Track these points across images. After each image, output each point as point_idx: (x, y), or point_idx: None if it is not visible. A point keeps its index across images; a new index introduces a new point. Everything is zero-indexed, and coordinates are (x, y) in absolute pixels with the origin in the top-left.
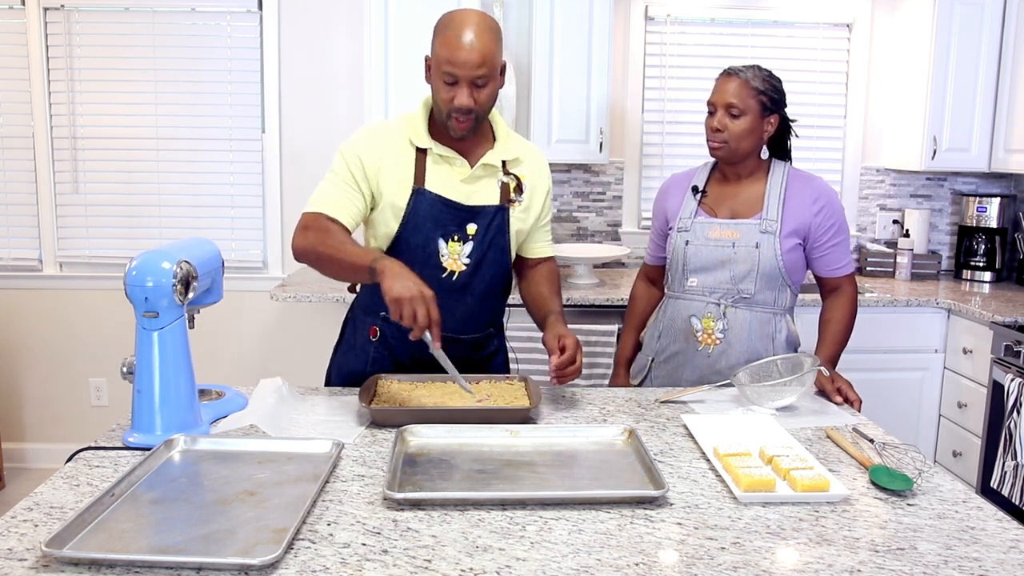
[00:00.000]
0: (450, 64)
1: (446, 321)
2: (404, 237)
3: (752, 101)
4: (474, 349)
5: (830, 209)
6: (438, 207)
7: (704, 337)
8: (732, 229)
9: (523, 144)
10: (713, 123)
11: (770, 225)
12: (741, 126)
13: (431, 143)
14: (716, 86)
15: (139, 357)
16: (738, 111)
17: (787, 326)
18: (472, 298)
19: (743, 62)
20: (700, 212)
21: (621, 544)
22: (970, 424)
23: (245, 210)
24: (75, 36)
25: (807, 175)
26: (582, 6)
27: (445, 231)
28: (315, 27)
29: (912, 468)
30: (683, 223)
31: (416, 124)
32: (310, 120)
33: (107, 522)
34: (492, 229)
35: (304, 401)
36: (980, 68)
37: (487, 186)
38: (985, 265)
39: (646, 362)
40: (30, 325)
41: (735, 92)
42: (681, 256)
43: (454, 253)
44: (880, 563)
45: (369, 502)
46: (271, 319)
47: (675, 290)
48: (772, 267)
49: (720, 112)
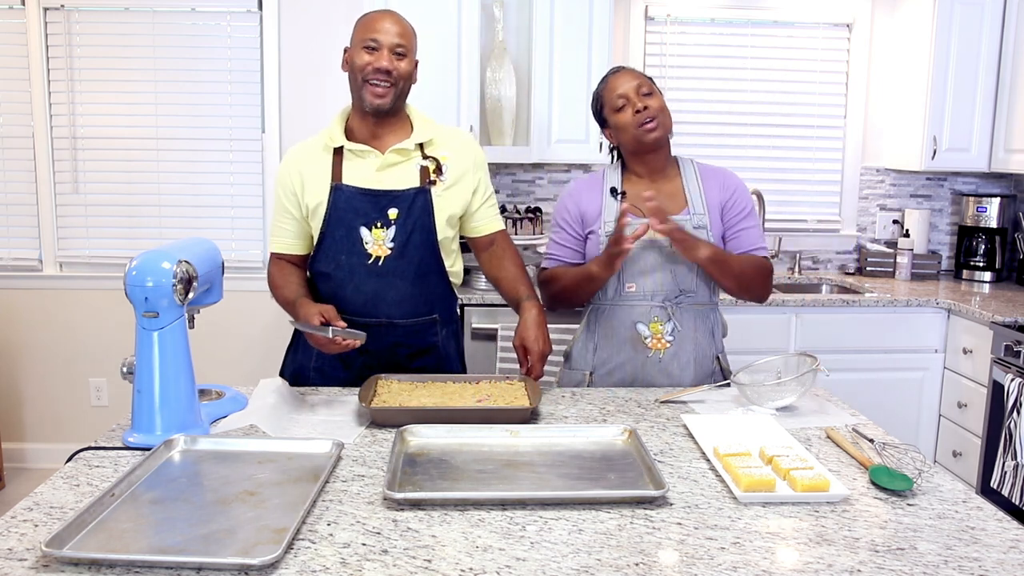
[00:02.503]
0: (373, 31)
1: (378, 307)
2: (329, 231)
3: (653, 84)
4: (412, 335)
5: (740, 192)
6: (357, 197)
7: (654, 342)
8: None
9: (442, 128)
10: (636, 106)
11: (700, 219)
12: (659, 101)
13: (344, 141)
14: (612, 83)
15: (139, 357)
16: (648, 89)
17: (719, 317)
18: (403, 282)
19: (743, 62)
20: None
21: (621, 544)
22: (970, 424)
23: (245, 210)
24: (75, 36)
25: (713, 166)
26: (582, 6)
27: (367, 219)
28: (315, 27)
29: (912, 468)
30: (609, 227)
31: (332, 128)
32: (310, 120)
33: (107, 522)
34: (415, 211)
35: (304, 401)
36: (980, 68)
37: (405, 171)
38: (985, 265)
39: (583, 377)
40: (30, 325)
41: (635, 76)
42: None
43: (378, 239)
44: (880, 563)
45: (369, 502)
46: (271, 319)
47: (611, 298)
48: None
49: (634, 97)
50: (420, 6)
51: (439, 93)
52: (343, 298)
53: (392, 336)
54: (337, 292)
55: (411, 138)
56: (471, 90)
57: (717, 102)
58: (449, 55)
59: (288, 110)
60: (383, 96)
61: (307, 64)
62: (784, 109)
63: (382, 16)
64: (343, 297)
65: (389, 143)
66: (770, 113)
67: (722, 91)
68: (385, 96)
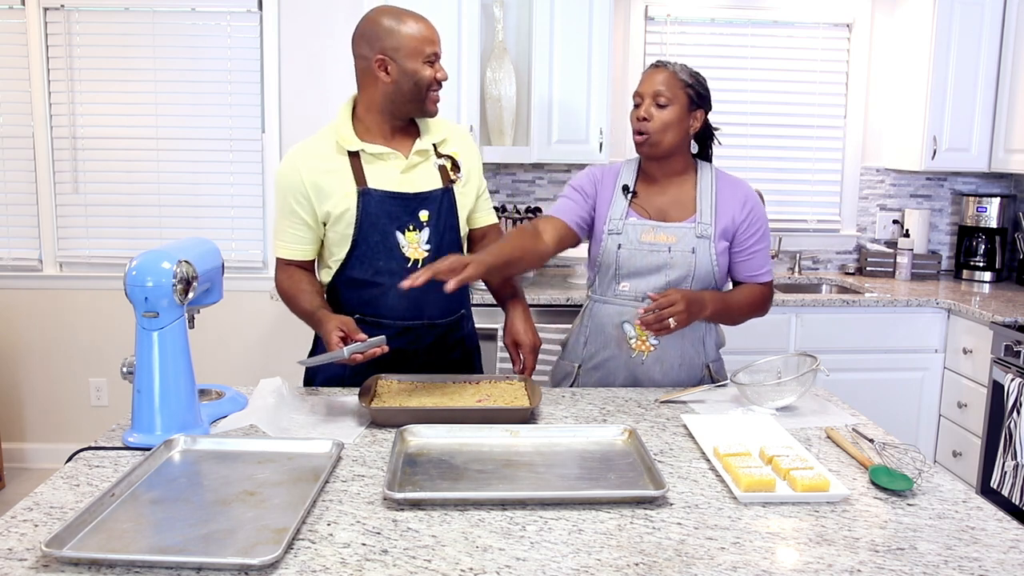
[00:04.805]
0: (431, 43)
1: (422, 310)
2: (362, 237)
3: (680, 92)
4: (449, 332)
5: (757, 213)
6: (388, 201)
7: (638, 344)
8: (667, 233)
9: (444, 124)
10: (640, 112)
11: (705, 229)
12: (667, 116)
13: (361, 145)
14: (644, 78)
15: (139, 357)
16: (666, 100)
17: (715, 328)
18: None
19: (743, 62)
20: (631, 213)
21: (621, 544)
22: (970, 424)
23: (245, 210)
24: (75, 36)
25: (734, 178)
26: (582, 6)
27: (400, 223)
28: (315, 27)
29: (912, 468)
30: (614, 224)
31: (342, 131)
32: (310, 120)
33: (107, 522)
34: (443, 212)
35: (304, 401)
36: (980, 68)
37: (426, 172)
38: (985, 265)
39: (572, 369)
40: (30, 325)
41: (664, 81)
42: (613, 260)
43: (413, 242)
44: (880, 563)
45: (369, 502)
46: (271, 319)
47: (603, 293)
48: (707, 272)
49: (647, 102)
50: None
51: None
52: (385, 304)
53: (431, 335)
54: (379, 298)
55: (429, 137)
56: (471, 90)
57: (717, 102)
58: (449, 55)
59: (288, 110)
60: (438, 100)
61: (307, 64)
62: (784, 109)
63: (427, 25)
64: (385, 303)
65: (402, 143)
66: (770, 113)
67: (722, 91)
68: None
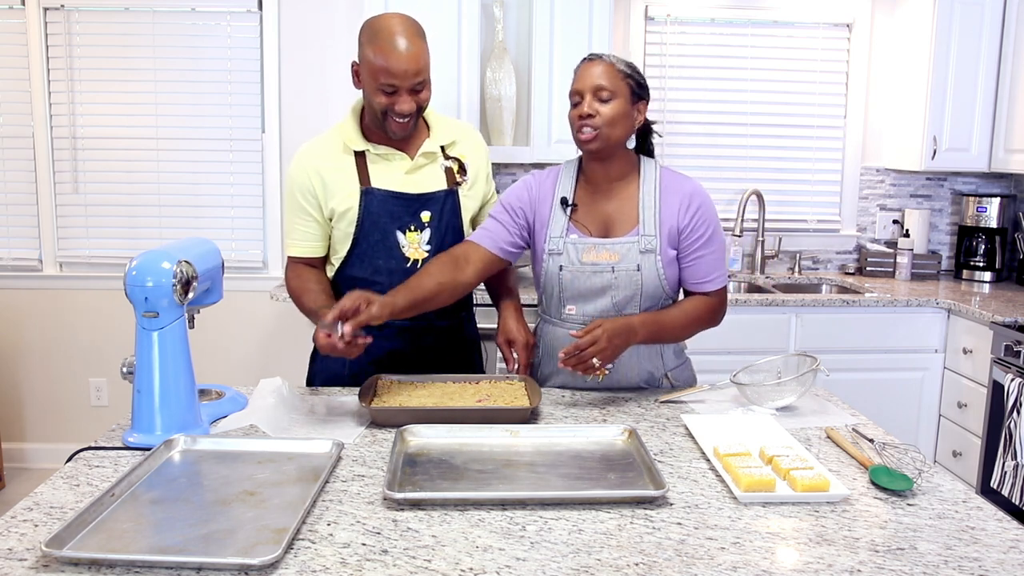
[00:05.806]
0: (388, 75)
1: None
2: (363, 236)
3: (621, 84)
4: (449, 333)
5: (703, 215)
6: (390, 201)
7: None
8: (609, 251)
9: (456, 125)
10: (583, 110)
11: (649, 242)
12: (613, 110)
13: (367, 145)
14: (579, 73)
15: (139, 357)
16: (608, 94)
17: None
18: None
19: (743, 62)
20: (572, 229)
21: (621, 544)
22: (970, 424)
23: (245, 210)
24: (75, 36)
25: (680, 176)
26: (582, 6)
27: (401, 223)
28: (315, 27)
29: (912, 468)
30: (554, 244)
31: (348, 131)
32: (310, 120)
33: (107, 522)
34: (446, 213)
35: (304, 401)
36: (980, 68)
37: (431, 173)
38: (985, 265)
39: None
40: (30, 325)
41: (603, 74)
42: (556, 282)
43: (413, 242)
44: (880, 563)
45: (369, 502)
46: (271, 319)
47: (551, 315)
48: (655, 288)
49: (588, 97)
50: (420, 6)
51: (439, 93)
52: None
53: (431, 336)
54: None
55: (434, 139)
56: (471, 90)
57: (717, 102)
58: (449, 55)
59: (288, 110)
60: (405, 127)
61: (307, 64)
62: (784, 109)
63: (395, 51)
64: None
65: (410, 142)
66: (770, 113)
67: (722, 91)
68: (407, 127)
